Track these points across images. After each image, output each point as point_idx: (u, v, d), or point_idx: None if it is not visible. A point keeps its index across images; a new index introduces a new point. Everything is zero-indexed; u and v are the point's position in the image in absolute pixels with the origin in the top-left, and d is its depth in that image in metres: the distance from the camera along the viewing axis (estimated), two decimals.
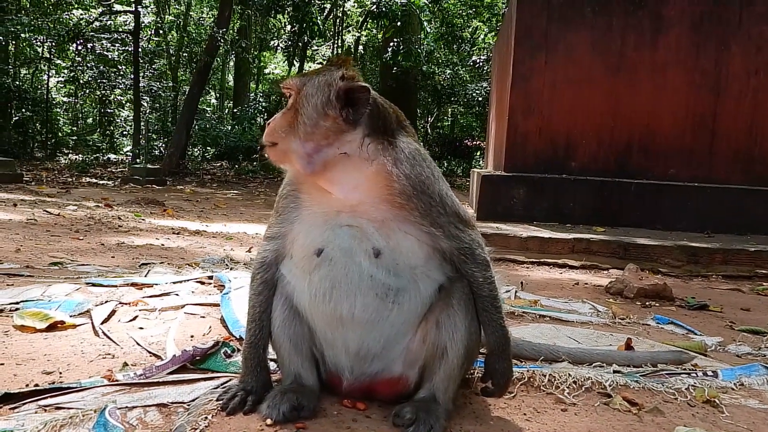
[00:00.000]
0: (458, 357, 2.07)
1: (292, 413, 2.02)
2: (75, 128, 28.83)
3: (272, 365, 2.36)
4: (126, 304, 3.31)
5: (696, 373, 2.74)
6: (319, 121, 1.99)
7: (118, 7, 23.90)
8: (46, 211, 8.18)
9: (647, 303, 4.60)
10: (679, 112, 8.20)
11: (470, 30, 26.99)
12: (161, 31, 26.71)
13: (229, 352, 2.55)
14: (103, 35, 23.62)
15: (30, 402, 2.07)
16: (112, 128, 27.77)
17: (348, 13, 27.41)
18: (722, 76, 8.18)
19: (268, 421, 1.99)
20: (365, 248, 2.02)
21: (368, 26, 26.13)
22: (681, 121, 8.21)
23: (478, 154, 25.14)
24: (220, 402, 2.10)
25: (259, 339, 2.20)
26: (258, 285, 2.23)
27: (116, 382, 2.26)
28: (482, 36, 27.70)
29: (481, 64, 25.23)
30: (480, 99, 23.31)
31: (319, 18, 21.52)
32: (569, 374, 2.51)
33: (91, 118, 30.51)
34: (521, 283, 5.06)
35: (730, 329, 3.95)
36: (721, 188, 7.96)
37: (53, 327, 2.86)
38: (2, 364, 2.44)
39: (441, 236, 2.06)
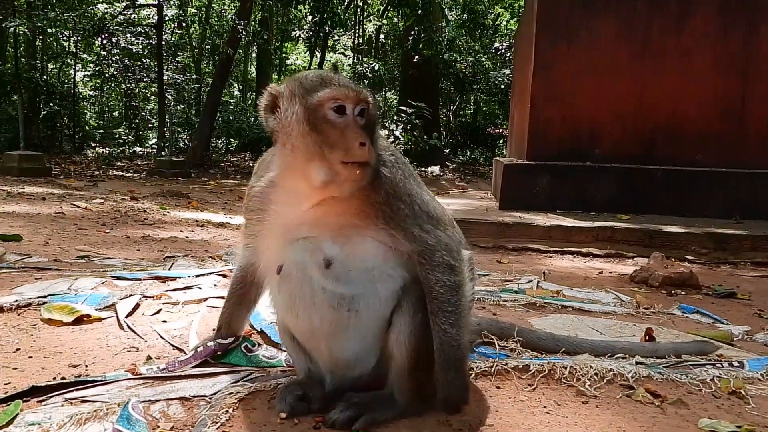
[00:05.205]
0: (405, 359, 2.00)
1: (299, 404, 2.04)
2: (101, 122, 29.29)
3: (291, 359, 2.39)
4: (150, 297, 3.35)
5: (721, 364, 2.70)
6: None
7: (141, 1, 24.08)
8: (74, 205, 8.32)
9: (673, 291, 4.54)
10: (707, 96, 8.01)
11: (492, 17, 26.71)
12: (184, 24, 26.86)
13: (249, 346, 2.57)
14: (127, 29, 23.87)
15: (57, 395, 2.11)
16: (137, 121, 28.10)
17: (369, 2, 27.31)
18: (751, 59, 7.97)
19: (282, 415, 2.02)
20: (316, 259, 1.98)
21: (389, 15, 25.96)
22: (709, 105, 8.01)
23: (501, 142, 24.95)
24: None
25: (218, 329, 2.52)
26: (231, 288, 2.49)
27: (140, 376, 2.30)
28: (504, 22, 27.41)
29: (503, 51, 24.97)
30: (502, 87, 23.10)
31: (340, 8, 21.47)
32: (591, 366, 2.48)
33: (116, 112, 30.94)
34: (544, 273, 5.03)
35: (758, 317, 3.89)
36: (751, 173, 7.78)
37: (79, 320, 2.91)
38: (31, 357, 2.49)
39: (401, 239, 1.99)
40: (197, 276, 3.90)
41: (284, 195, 2.04)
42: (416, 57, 21.21)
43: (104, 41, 24.47)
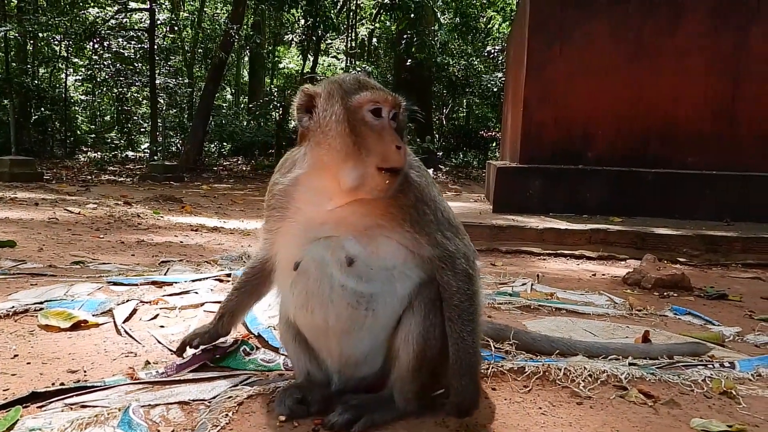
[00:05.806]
0: (410, 359, 2.01)
1: (298, 407, 2.06)
2: (93, 126, 29.21)
3: (289, 362, 2.40)
4: (147, 302, 3.36)
5: (713, 365, 2.74)
6: None
7: (133, 5, 24.04)
8: (67, 210, 8.30)
9: (665, 293, 4.57)
10: (699, 98, 8.04)
11: (484, 20, 26.81)
12: (176, 28, 26.83)
13: (248, 350, 2.59)
14: (119, 33, 23.84)
15: (56, 401, 2.13)
16: (129, 125, 28.02)
17: (361, 5, 27.36)
18: (743, 60, 8.02)
19: (281, 418, 2.04)
20: (338, 257, 1.98)
21: (382, 18, 26.03)
22: (701, 108, 8.04)
23: (494, 145, 25.02)
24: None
25: (220, 316, 2.50)
26: (244, 277, 2.46)
27: (139, 381, 2.32)
28: (496, 26, 27.52)
29: (495, 54, 25.08)
30: (495, 90, 23.20)
31: (332, 11, 21.51)
32: (585, 367, 2.51)
33: (108, 116, 30.83)
34: (537, 275, 5.06)
35: (749, 319, 3.92)
36: (742, 176, 7.82)
37: (77, 326, 2.92)
38: (29, 363, 2.50)
39: (424, 243, 2.01)
40: (193, 281, 3.92)
41: (309, 194, 2.04)
42: (409, 60, 21.29)
43: (96, 45, 24.41)
